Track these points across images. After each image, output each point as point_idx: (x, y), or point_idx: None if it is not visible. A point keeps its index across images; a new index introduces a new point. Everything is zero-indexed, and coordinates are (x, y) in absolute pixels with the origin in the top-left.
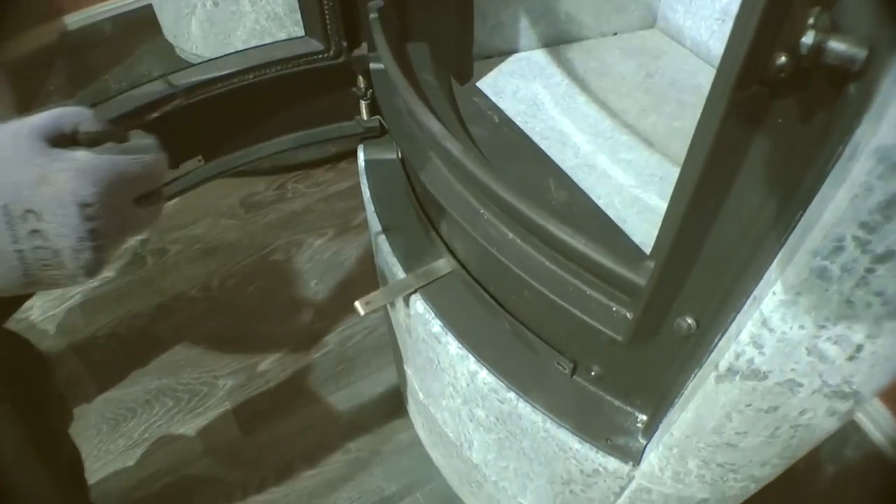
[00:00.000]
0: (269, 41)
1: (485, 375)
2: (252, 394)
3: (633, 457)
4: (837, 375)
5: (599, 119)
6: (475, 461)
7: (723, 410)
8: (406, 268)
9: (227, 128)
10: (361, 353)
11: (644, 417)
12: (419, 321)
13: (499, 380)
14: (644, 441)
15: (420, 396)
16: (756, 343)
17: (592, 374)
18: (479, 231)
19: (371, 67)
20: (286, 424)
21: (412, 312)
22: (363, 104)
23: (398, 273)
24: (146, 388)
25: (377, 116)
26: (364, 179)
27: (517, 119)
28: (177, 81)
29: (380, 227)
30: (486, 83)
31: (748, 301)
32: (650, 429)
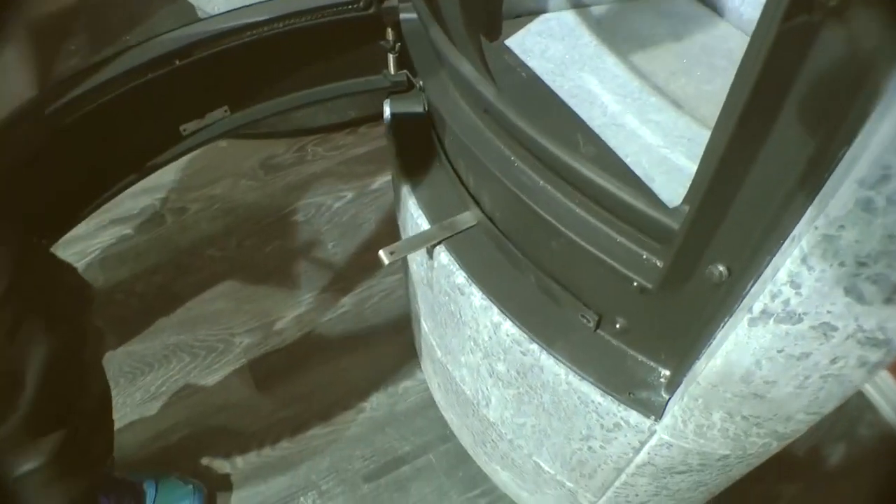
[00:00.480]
0: None
1: (508, 327)
2: (268, 351)
3: (656, 411)
4: (873, 319)
5: (628, 80)
6: (491, 419)
7: (753, 357)
8: (431, 219)
9: (254, 79)
10: (378, 315)
11: (667, 373)
12: (442, 273)
13: (522, 331)
14: (667, 396)
15: (438, 354)
16: (794, 283)
17: (617, 328)
18: (510, 178)
19: (401, 18)
20: (301, 382)
21: (435, 265)
22: (391, 57)
23: (423, 225)
24: (164, 344)
25: (404, 71)
26: (390, 133)
27: (545, 77)
28: (204, 28)
29: (405, 180)
30: (515, 42)
31: (786, 242)
32: (673, 384)
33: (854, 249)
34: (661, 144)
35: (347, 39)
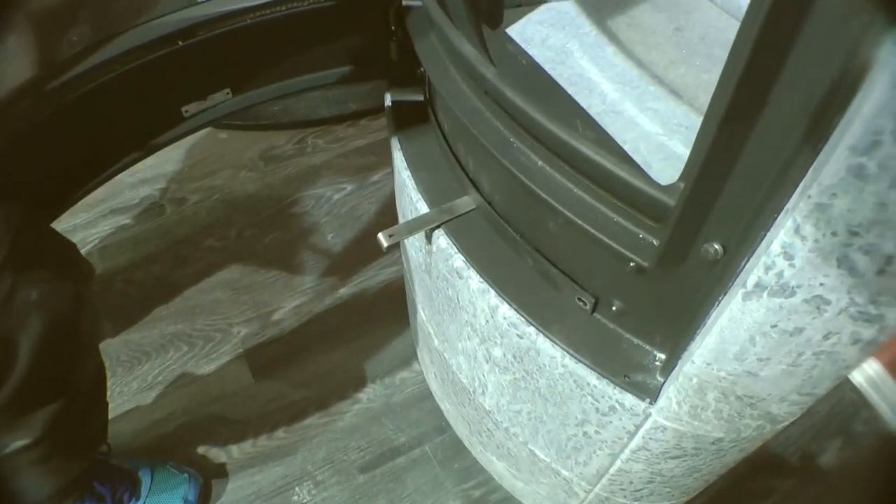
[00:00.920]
0: None
1: (505, 310)
2: (265, 341)
3: (651, 393)
4: (866, 292)
5: (627, 69)
6: (488, 407)
7: (747, 333)
8: (430, 204)
9: (257, 62)
10: (375, 306)
11: (662, 356)
12: (441, 257)
13: (519, 314)
14: (661, 379)
15: (435, 343)
16: (787, 254)
17: (613, 310)
18: (509, 159)
19: (404, 4)
20: (298, 372)
21: (434, 249)
22: (392, 44)
23: (422, 208)
24: (161, 333)
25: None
26: (391, 120)
27: (545, 65)
28: (208, 10)
29: (405, 165)
30: (516, 31)
31: (780, 215)
32: (668, 367)
33: (846, 218)
34: (660, 132)
35: (351, 24)
